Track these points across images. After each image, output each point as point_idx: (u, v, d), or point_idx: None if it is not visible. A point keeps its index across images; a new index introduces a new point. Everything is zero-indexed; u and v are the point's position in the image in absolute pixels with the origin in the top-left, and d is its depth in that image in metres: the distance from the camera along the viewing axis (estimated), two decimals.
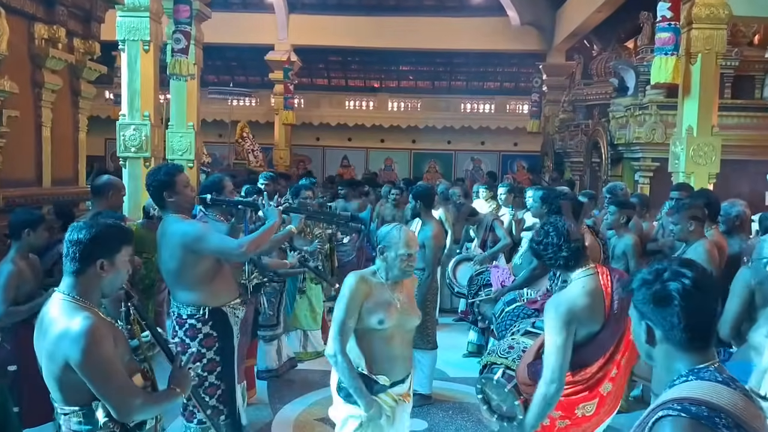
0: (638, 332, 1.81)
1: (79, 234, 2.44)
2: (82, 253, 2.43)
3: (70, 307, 2.43)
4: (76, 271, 2.46)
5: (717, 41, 7.52)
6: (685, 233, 4.54)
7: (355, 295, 3.27)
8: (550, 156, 15.27)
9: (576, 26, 14.36)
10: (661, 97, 9.66)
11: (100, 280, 2.49)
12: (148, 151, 8.15)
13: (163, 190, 3.77)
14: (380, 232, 3.42)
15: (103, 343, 2.37)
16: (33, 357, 4.20)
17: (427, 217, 5.82)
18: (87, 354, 2.32)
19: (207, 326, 3.85)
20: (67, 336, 2.35)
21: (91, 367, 2.35)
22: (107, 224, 2.54)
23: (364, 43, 17.94)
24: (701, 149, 7.54)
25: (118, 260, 2.52)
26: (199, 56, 10.08)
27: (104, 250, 2.47)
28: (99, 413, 2.42)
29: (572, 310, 3.05)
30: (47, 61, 5.91)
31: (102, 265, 2.46)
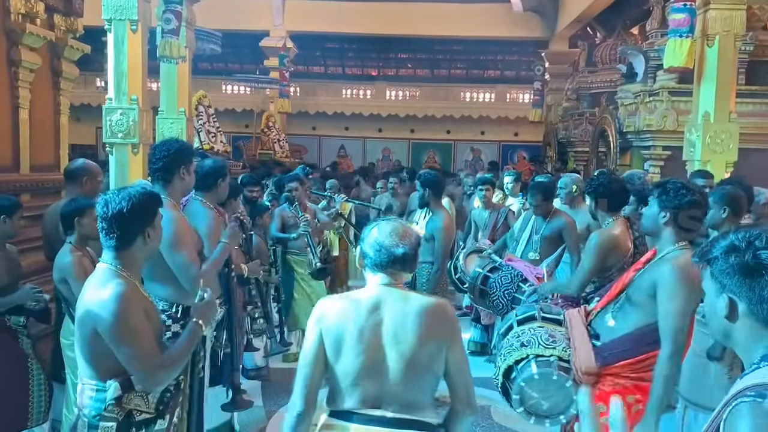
0: (716, 307, 1.62)
1: (120, 206, 2.37)
2: (127, 225, 2.40)
3: (109, 274, 2.41)
4: (121, 246, 2.42)
5: (736, 22, 7.13)
6: (718, 220, 4.19)
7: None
8: (553, 146, 14.96)
9: (580, 12, 14.00)
10: (673, 82, 9.29)
11: (146, 248, 2.49)
12: (136, 137, 7.70)
13: (182, 165, 3.54)
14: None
15: (132, 310, 2.36)
16: (1, 358, 3.89)
17: (436, 207, 5.46)
18: (114, 319, 2.30)
19: (177, 325, 3.55)
20: (97, 299, 2.34)
21: (118, 333, 2.32)
22: (141, 192, 2.47)
23: (362, 29, 17.56)
24: (718, 136, 7.18)
25: (157, 223, 2.52)
26: (190, 39, 9.67)
27: (147, 218, 2.46)
28: (108, 394, 2.38)
29: (694, 281, 2.89)
30: (24, 37, 5.53)
31: (148, 234, 2.46)
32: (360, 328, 2.28)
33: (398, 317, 2.29)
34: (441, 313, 2.36)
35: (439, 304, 2.40)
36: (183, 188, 3.66)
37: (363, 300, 2.34)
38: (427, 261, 5.45)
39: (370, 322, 2.30)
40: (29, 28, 5.54)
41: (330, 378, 2.35)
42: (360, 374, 2.29)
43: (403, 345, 2.27)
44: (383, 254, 2.33)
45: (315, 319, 2.36)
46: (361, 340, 2.28)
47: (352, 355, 2.28)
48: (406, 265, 2.37)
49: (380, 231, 2.36)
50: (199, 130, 10.54)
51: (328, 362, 2.33)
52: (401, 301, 2.32)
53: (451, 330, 2.37)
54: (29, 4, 5.56)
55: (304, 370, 2.33)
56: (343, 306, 2.35)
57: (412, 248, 2.36)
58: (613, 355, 3.06)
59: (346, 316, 2.31)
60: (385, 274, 2.35)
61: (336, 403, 2.35)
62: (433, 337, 2.29)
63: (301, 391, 2.33)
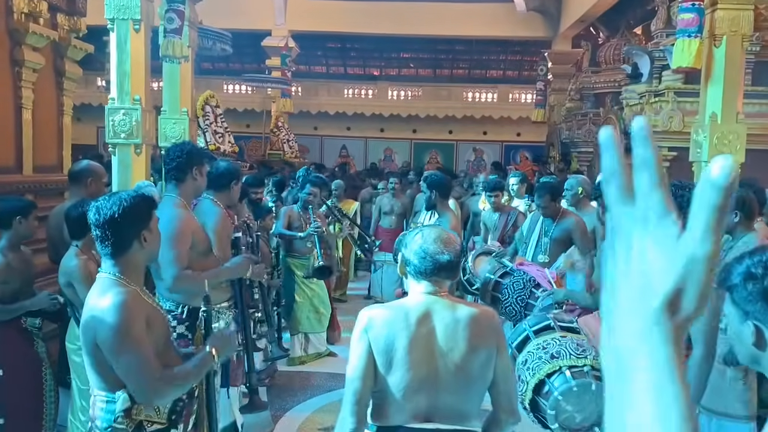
0: (743, 334, 1.57)
1: (111, 211, 2.30)
2: (121, 231, 2.33)
3: (110, 283, 2.35)
4: (117, 252, 2.36)
5: (743, 22, 7.08)
6: (730, 225, 4.13)
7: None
8: (556, 146, 14.88)
9: (583, 12, 13.91)
10: (679, 83, 9.24)
11: (143, 253, 2.42)
12: (139, 138, 7.62)
13: (194, 166, 3.61)
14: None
15: (132, 320, 2.28)
16: (20, 361, 3.88)
17: (443, 209, 5.40)
18: (114, 330, 2.24)
19: (182, 326, 3.58)
20: (96, 310, 2.29)
21: (116, 344, 2.25)
22: (133, 195, 2.43)
23: (364, 29, 17.46)
24: (725, 137, 7.11)
25: (153, 226, 2.46)
26: (193, 38, 9.58)
27: (142, 222, 2.39)
28: (118, 405, 2.31)
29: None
30: (27, 37, 5.46)
31: (145, 237, 2.40)
32: (411, 339, 2.21)
33: (449, 327, 2.24)
34: (489, 322, 2.32)
35: (487, 312, 2.38)
36: (195, 189, 3.72)
37: (411, 309, 2.27)
38: None
39: (422, 333, 2.22)
40: (32, 27, 5.47)
41: (379, 391, 2.26)
42: (413, 387, 2.21)
43: (455, 355, 2.21)
44: (428, 262, 2.26)
45: (361, 329, 2.28)
46: (413, 352, 2.20)
47: (405, 368, 2.20)
48: (451, 273, 2.31)
49: (425, 238, 2.29)
50: (204, 130, 10.43)
51: (377, 375, 2.23)
52: (450, 310, 2.26)
53: (499, 338, 2.33)
54: (32, 4, 5.49)
55: (354, 384, 2.23)
56: (391, 316, 2.26)
57: (456, 255, 2.30)
58: None
59: (395, 326, 2.23)
60: (429, 282, 2.28)
61: (386, 419, 2.27)
62: (482, 346, 2.25)
63: (351, 407, 2.22)
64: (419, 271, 2.28)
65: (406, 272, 2.34)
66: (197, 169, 3.65)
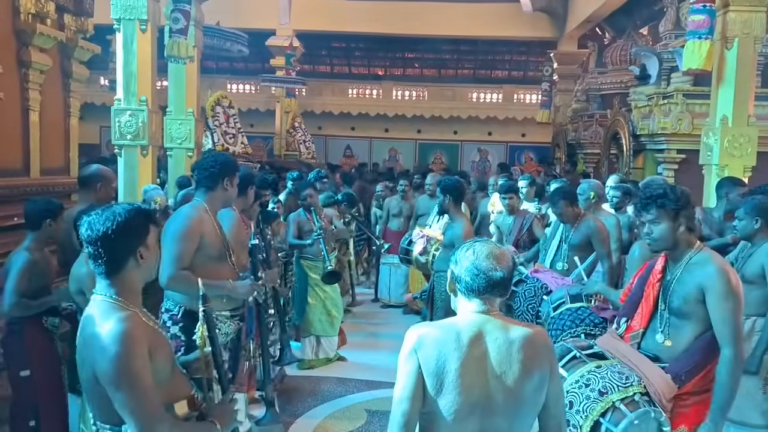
0: None
1: (105, 227, 2.15)
2: (115, 248, 2.18)
3: (108, 307, 2.18)
4: (111, 271, 2.20)
5: (756, 24, 7.02)
6: (750, 231, 4.09)
7: None
8: (562, 147, 14.81)
9: (590, 12, 13.82)
10: (688, 85, 9.18)
11: (140, 271, 2.26)
12: (146, 139, 7.60)
13: (226, 177, 3.70)
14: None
15: (136, 351, 2.10)
16: (45, 360, 3.92)
17: (456, 214, 5.35)
18: (114, 363, 2.07)
19: (176, 327, 3.63)
20: (95, 340, 2.11)
21: (118, 378, 2.08)
22: (128, 209, 2.24)
23: (369, 28, 17.38)
24: (736, 140, 7.07)
25: (151, 242, 2.29)
26: (198, 38, 9.55)
27: (138, 238, 2.23)
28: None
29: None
30: (35, 38, 5.41)
31: (141, 254, 2.24)
32: (463, 361, 2.11)
33: (502, 349, 2.14)
34: (542, 343, 2.22)
35: (540, 333, 2.26)
36: (224, 199, 3.79)
37: (463, 329, 2.16)
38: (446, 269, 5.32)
39: (474, 354, 2.12)
40: (39, 28, 5.41)
41: (427, 413, 2.17)
42: (464, 410, 2.11)
43: (508, 378, 2.13)
44: (481, 279, 2.16)
45: (410, 348, 2.17)
46: (466, 374, 2.10)
47: (457, 391, 2.10)
48: (504, 290, 2.20)
49: (476, 254, 2.18)
50: (213, 130, 10.36)
51: (426, 396, 2.14)
52: (503, 331, 2.17)
53: (552, 360, 2.23)
54: (39, 4, 5.44)
55: (403, 405, 2.14)
56: (442, 335, 2.15)
57: (509, 272, 2.20)
58: (688, 374, 2.97)
59: (446, 347, 2.12)
60: (480, 300, 2.19)
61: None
62: (536, 369, 2.15)
63: (399, 428, 2.13)
64: (471, 289, 2.18)
65: (456, 289, 2.24)
66: (228, 180, 3.73)
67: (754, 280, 4.04)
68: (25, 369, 3.93)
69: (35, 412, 3.93)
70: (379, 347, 7.19)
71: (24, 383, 3.93)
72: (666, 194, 3.03)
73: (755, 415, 4.05)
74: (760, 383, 4.02)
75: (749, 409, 4.03)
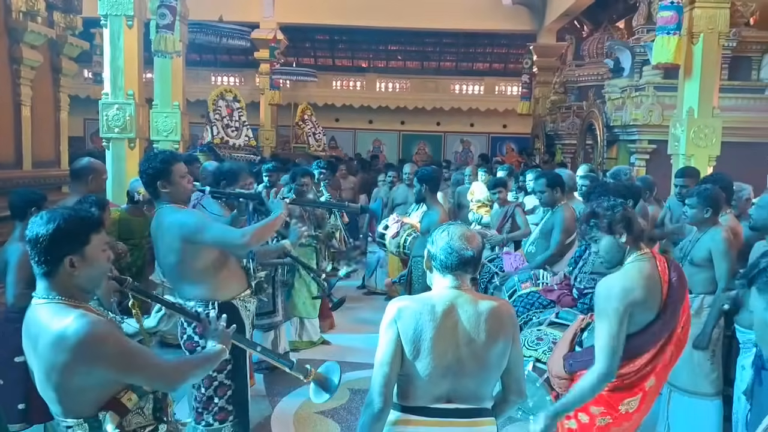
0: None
1: (39, 230, 2.15)
2: (46, 252, 2.17)
3: (58, 309, 2.18)
4: (46, 273, 2.20)
5: (720, 21, 7.33)
6: (700, 218, 4.38)
7: None
8: (541, 138, 15.10)
9: (568, 6, 14.10)
10: (659, 78, 9.49)
11: (73, 278, 2.21)
12: (133, 132, 7.82)
13: (158, 179, 3.50)
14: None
15: (108, 333, 2.17)
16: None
17: (432, 202, 5.61)
18: (96, 350, 2.11)
19: (191, 328, 3.63)
20: (64, 338, 2.10)
21: (106, 361, 2.14)
22: (67, 214, 2.21)
23: (352, 21, 17.55)
24: (702, 131, 7.39)
25: (90, 252, 2.22)
26: (184, 33, 9.71)
27: (70, 245, 2.19)
28: (108, 426, 2.21)
29: (628, 295, 2.87)
30: (26, 35, 5.63)
31: (72, 262, 2.19)
32: (437, 330, 2.41)
33: (472, 320, 2.44)
34: (506, 315, 2.51)
35: (504, 307, 2.56)
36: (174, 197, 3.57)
37: (437, 302, 2.46)
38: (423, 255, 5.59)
39: (447, 324, 2.43)
40: (30, 26, 5.62)
41: (405, 375, 2.46)
42: (437, 372, 2.42)
43: (476, 345, 2.43)
44: (454, 257, 2.44)
45: (390, 319, 2.46)
46: (439, 342, 2.41)
47: (431, 356, 2.41)
48: (473, 268, 2.50)
49: (450, 235, 2.47)
50: (213, 123, 10.51)
51: (405, 361, 2.44)
52: (472, 304, 2.46)
53: (514, 330, 2.54)
54: (30, 2, 5.65)
55: (383, 368, 2.43)
56: (419, 308, 2.45)
57: (479, 252, 2.50)
58: (576, 364, 3.10)
59: (422, 317, 2.42)
60: (453, 276, 2.48)
61: (411, 399, 2.49)
62: (501, 337, 2.46)
63: (380, 389, 2.41)
64: (445, 266, 2.47)
65: (431, 266, 2.53)
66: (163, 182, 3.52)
67: (702, 264, 4.31)
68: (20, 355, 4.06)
69: (26, 396, 4.01)
70: (361, 331, 7.43)
71: (17, 368, 3.91)
72: (594, 213, 3.08)
73: (705, 384, 4.37)
74: (708, 355, 4.33)
75: (700, 379, 4.35)
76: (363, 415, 2.47)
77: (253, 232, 3.50)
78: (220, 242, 3.52)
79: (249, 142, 10.89)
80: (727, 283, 4.26)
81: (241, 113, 11.25)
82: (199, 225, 3.45)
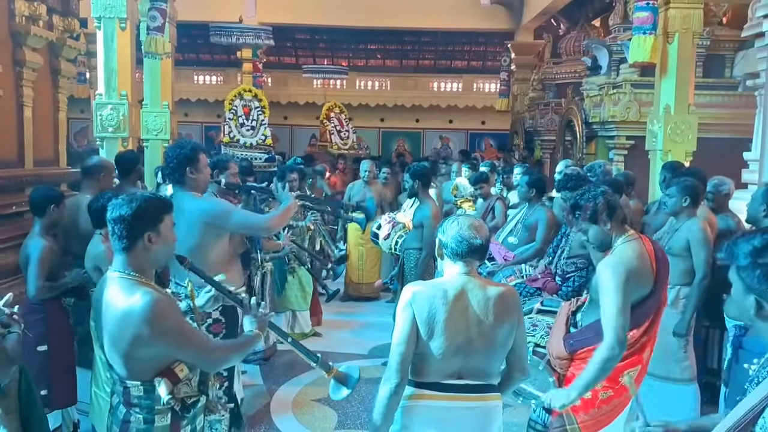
0: (745, 305, 1.81)
1: (121, 211, 2.47)
2: (127, 229, 2.48)
3: (128, 284, 2.48)
4: (126, 248, 2.51)
5: (694, 20, 7.62)
6: (678, 207, 4.63)
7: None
8: (520, 134, 15.38)
9: (546, 5, 14.37)
10: (635, 75, 9.77)
11: (150, 253, 2.53)
12: (126, 131, 7.96)
13: (187, 166, 3.78)
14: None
15: (170, 311, 2.47)
16: (62, 337, 4.37)
17: (424, 197, 5.85)
18: (158, 326, 2.40)
19: (217, 312, 3.83)
20: (132, 314, 2.40)
21: (166, 336, 2.44)
22: (146, 196, 2.57)
23: (333, 21, 17.72)
24: (678, 127, 7.67)
25: (163, 230, 2.56)
26: (173, 34, 9.86)
27: (149, 223, 2.51)
28: (162, 389, 2.48)
29: (629, 270, 3.11)
30: (28, 38, 5.77)
31: (150, 238, 2.51)
32: (449, 313, 2.66)
33: (481, 303, 2.69)
34: (512, 299, 2.78)
35: (510, 292, 2.82)
36: (198, 184, 3.87)
37: (449, 287, 2.71)
38: (415, 247, 5.84)
39: (458, 307, 2.68)
40: (33, 29, 5.76)
41: (419, 354, 2.70)
42: (449, 351, 2.67)
43: (485, 326, 2.68)
44: (464, 245, 2.69)
45: (406, 302, 2.70)
46: (451, 323, 2.66)
47: (444, 336, 2.65)
48: (482, 255, 2.76)
49: (460, 225, 2.72)
50: (227, 123, 10.59)
51: (419, 341, 2.67)
52: (481, 289, 2.72)
53: (519, 313, 2.80)
54: (32, 7, 5.78)
55: (400, 347, 2.67)
56: (433, 292, 2.70)
57: (486, 240, 2.74)
58: (577, 343, 3.35)
59: (436, 301, 2.67)
60: (463, 263, 2.73)
61: (425, 376, 2.73)
62: (507, 320, 2.72)
63: (397, 366, 2.65)
64: (456, 253, 2.72)
65: (443, 254, 2.78)
66: (192, 168, 3.81)
67: (680, 253, 4.55)
68: (43, 345, 4.26)
69: (48, 383, 4.25)
70: (351, 326, 7.67)
71: (40, 357, 4.24)
72: (578, 205, 3.33)
73: (677, 370, 4.64)
74: (682, 342, 4.61)
75: (672, 365, 4.62)
76: (381, 389, 2.68)
77: (273, 218, 3.82)
78: (245, 225, 3.82)
79: (266, 141, 10.82)
80: (705, 271, 4.52)
81: (260, 112, 11.18)
82: (225, 209, 3.75)
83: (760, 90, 6.12)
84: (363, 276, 8.78)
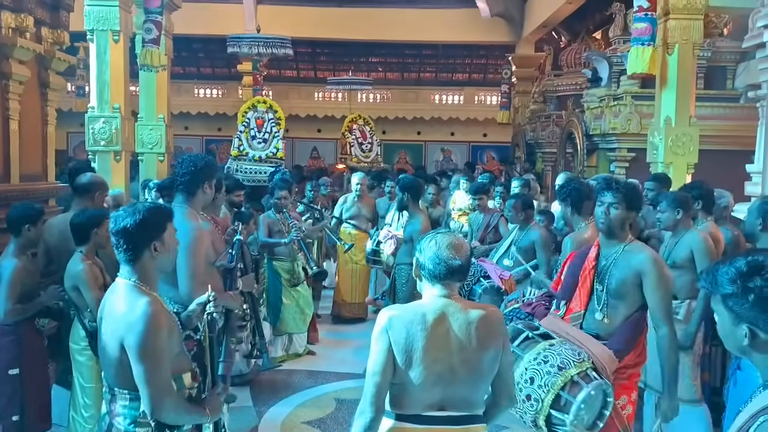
0: (736, 336, 1.66)
1: (126, 222, 2.52)
2: (133, 241, 2.53)
3: (134, 291, 2.54)
4: (132, 259, 2.56)
5: (694, 31, 7.51)
6: (672, 222, 4.51)
7: None
8: (522, 147, 15.29)
9: (546, 17, 14.35)
10: (636, 87, 9.68)
11: (155, 261, 2.61)
12: (119, 145, 7.86)
13: (206, 180, 3.69)
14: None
15: (159, 331, 2.47)
16: (35, 359, 4.19)
17: (414, 210, 5.72)
18: (141, 338, 2.43)
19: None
20: (127, 317, 2.47)
21: (141, 352, 2.43)
22: (147, 207, 2.61)
23: (334, 34, 17.74)
24: (679, 139, 7.55)
25: (167, 238, 2.63)
26: (169, 47, 9.82)
27: (154, 231, 2.58)
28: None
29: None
30: (15, 51, 5.68)
31: (156, 247, 2.58)
32: (428, 339, 2.43)
33: (462, 328, 2.46)
34: (496, 323, 2.55)
35: (494, 314, 2.58)
36: (204, 201, 3.80)
37: (428, 311, 2.48)
38: (406, 262, 5.70)
39: (438, 333, 2.46)
40: (20, 41, 5.67)
41: (398, 384, 2.47)
42: (429, 381, 2.44)
43: (468, 353, 2.46)
44: (442, 267, 2.46)
45: (381, 328, 2.48)
46: (431, 350, 2.43)
47: (423, 365, 2.43)
48: (462, 276, 2.54)
49: (438, 244, 2.49)
50: (238, 135, 10.43)
51: (396, 370, 2.45)
52: (462, 313, 2.49)
53: (504, 337, 2.59)
54: (19, 19, 5.69)
55: (375, 378, 2.44)
56: (410, 317, 2.48)
57: (467, 260, 2.51)
58: (625, 349, 3.34)
59: (414, 327, 2.45)
60: (442, 285, 2.51)
61: (404, 407, 2.50)
62: (491, 344, 2.50)
63: (371, 398, 2.42)
64: (433, 275, 2.49)
65: (420, 275, 2.57)
66: (208, 183, 3.74)
67: (683, 265, 4.42)
68: (15, 368, 4.10)
69: (20, 408, 4.10)
70: (345, 344, 7.51)
71: (11, 381, 4.09)
72: (635, 189, 3.54)
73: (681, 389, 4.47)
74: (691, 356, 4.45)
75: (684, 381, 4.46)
76: (355, 424, 2.46)
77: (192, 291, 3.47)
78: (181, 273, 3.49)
79: (277, 154, 10.62)
80: None
81: (274, 124, 10.95)
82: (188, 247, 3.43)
83: (762, 101, 5.98)
84: (357, 296, 8.48)
